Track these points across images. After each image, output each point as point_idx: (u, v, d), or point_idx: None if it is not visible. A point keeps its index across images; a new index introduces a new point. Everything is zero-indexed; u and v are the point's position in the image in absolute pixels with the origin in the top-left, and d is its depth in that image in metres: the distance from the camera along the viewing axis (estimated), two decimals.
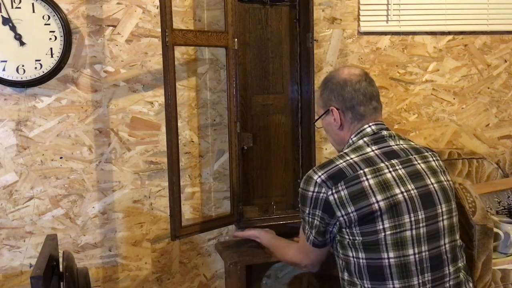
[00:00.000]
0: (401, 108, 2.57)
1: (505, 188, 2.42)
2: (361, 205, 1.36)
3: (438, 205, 1.42)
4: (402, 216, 1.37)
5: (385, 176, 1.39)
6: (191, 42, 2.05)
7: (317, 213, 1.43)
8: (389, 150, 1.45)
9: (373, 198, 1.36)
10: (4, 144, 2.08)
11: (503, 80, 2.71)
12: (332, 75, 1.55)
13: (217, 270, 2.41)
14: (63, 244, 2.16)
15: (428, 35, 2.57)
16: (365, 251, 1.37)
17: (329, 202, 1.38)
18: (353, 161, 1.41)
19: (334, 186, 1.38)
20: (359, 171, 1.38)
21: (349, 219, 1.37)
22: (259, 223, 2.29)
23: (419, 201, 1.39)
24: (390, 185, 1.38)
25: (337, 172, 1.39)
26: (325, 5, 2.40)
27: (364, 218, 1.36)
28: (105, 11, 2.13)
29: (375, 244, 1.36)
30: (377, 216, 1.35)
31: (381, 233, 1.35)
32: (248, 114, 2.31)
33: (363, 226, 1.36)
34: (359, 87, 1.49)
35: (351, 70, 1.53)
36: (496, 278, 2.10)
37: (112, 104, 2.18)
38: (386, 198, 1.36)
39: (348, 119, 1.50)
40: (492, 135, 2.74)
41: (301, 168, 2.37)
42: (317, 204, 1.41)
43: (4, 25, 1.99)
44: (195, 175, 2.32)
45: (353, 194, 1.36)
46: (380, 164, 1.41)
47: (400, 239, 1.36)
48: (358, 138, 1.48)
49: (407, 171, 1.42)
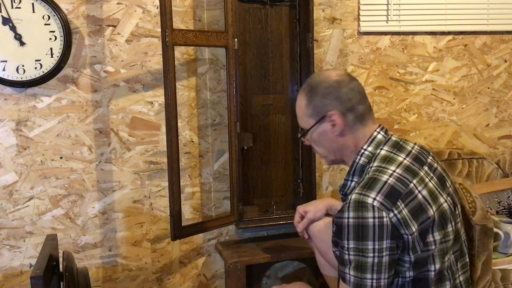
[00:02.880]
0: (401, 108, 2.57)
1: (505, 188, 2.42)
2: (422, 219, 1.24)
3: (456, 207, 1.38)
4: (447, 225, 1.29)
5: (429, 186, 1.30)
6: (191, 42, 2.05)
7: (385, 245, 1.20)
8: (414, 155, 1.36)
9: (431, 210, 1.25)
10: (4, 144, 2.08)
11: (503, 80, 2.71)
12: (318, 80, 1.40)
13: (217, 270, 2.41)
14: (63, 244, 2.16)
15: (428, 35, 2.57)
16: (413, 269, 1.26)
17: (394, 225, 1.20)
18: (399, 174, 1.27)
19: (394, 206, 1.21)
20: (411, 185, 1.26)
21: (412, 239, 1.22)
22: (259, 223, 2.30)
23: (452, 208, 1.34)
24: (436, 195, 1.30)
25: (391, 190, 1.23)
26: (325, 5, 2.40)
27: (424, 233, 1.25)
28: (105, 11, 2.13)
29: (425, 259, 1.27)
30: (430, 228, 1.26)
31: (432, 245, 1.26)
32: (248, 114, 2.31)
33: (423, 242, 1.25)
34: (353, 86, 1.38)
35: (337, 72, 1.40)
36: (496, 278, 2.10)
37: (112, 104, 2.18)
38: (438, 209, 1.28)
39: (350, 122, 1.37)
40: (492, 135, 2.74)
41: (301, 168, 2.37)
42: (383, 234, 1.19)
43: (4, 25, 1.99)
44: (195, 175, 2.32)
45: (413, 210, 1.23)
46: (420, 172, 1.31)
47: (445, 249, 1.29)
48: (375, 148, 1.36)
49: (436, 176, 1.35)
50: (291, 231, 2.41)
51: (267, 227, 2.36)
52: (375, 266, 1.20)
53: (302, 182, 2.37)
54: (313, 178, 2.28)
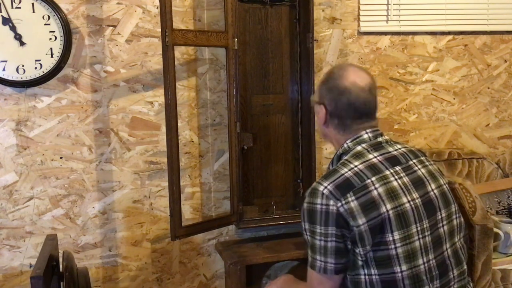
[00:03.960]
0: (401, 108, 2.57)
1: (505, 188, 2.42)
2: (373, 215, 1.29)
3: (438, 212, 1.40)
4: (410, 227, 1.33)
5: (392, 184, 1.34)
6: (191, 42, 2.05)
7: (330, 231, 1.30)
8: (390, 156, 1.41)
9: (384, 207, 1.30)
10: (4, 144, 2.08)
11: (503, 80, 2.71)
12: (337, 74, 1.46)
13: (217, 270, 2.41)
14: (63, 244, 2.16)
15: (428, 35, 2.57)
16: (377, 267, 1.31)
17: (341, 214, 1.28)
18: (359, 169, 1.34)
19: (343, 197, 1.29)
20: (367, 180, 1.32)
21: (359, 231, 1.28)
22: (259, 223, 2.30)
23: (423, 210, 1.36)
24: (397, 194, 1.33)
25: (344, 182, 1.32)
26: (325, 5, 2.40)
27: (375, 228, 1.29)
28: (105, 11, 2.13)
29: (387, 259, 1.31)
30: (386, 226, 1.30)
31: (392, 245, 1.30)
32: (248, 114, 2.31)
33: (374, 237, 1.29)
34: (355, 101, 1.42)
35: (356, 79, 1.43)
36: (496, 278, 2.11)
37: (112, 104, 2.18)
38: (395, 207, 1.31)
39: (333, 123, 1.45)
40: (492, 135, 2.74)
41: (301, 168, 2.37)
42: (329, 220, 1.29)
43: (4, 25, 1.99)
44: (195, 175, 2.32)
45: (363, 204, 1.29)
46: (385, 171, 1.36)
47: (411, 250, 1.32)
48: (355, 144, 1.42)
49: (410, 178, 1.39)
50: (291, 231, 2.41)
51: (267, 227, 2.36)
52: (321, 249, 1.31)
53: (302, 182, 2.37)
54: (313, 178, 2.27)
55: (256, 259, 2.16)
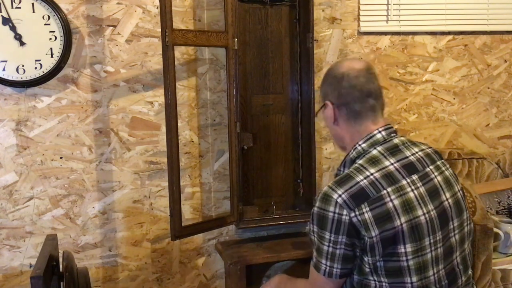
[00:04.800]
0: (401, 108, 2.57)
1: (505, 188, 2.42)
2: (386, 227, 1.26)
3: (451, 221, 1.38)
4: (423, 239, 1.30)
5: (408, 196, 1.31)
6: (191, 42, 2.05)
7: (340, 239, 1.28)
8: (407, 162, 1.37)
9: (398, 220, 1.27)
10: (4, 144, 2.08)
11: (503, 80, 2.71)
12: (333, 67, 1.47)
13: (217, 270, 2.41)
14: (63, 244, 2.16)
15: (428, 35, 2.57)
16: (387, 276, 1.29)
17: (354, 224, 1.26)
18: (375, 178, 1.30)
19: (357, 207, 1.26)
20: (383, 191, 1.28)
21: (371, 242, 1.26)
22: (259, 223, 2.30)
23: (437, 222, 1.34)
24: (413, 206, 1.30)
25: (359, 191, 1.28)
26: (325, 5, 2.40)
27: (387, 240, 1.27)
28: (105, 11, 2.13)
29: (398, 270, 1.29)
30: (399, 238, 1.27)
31: (403, 257, 1.28)
32: (248, 114, 2.31)
33: (385, 249, 1.27)
34: (355, 82, 1.39)
35: (352, 64, 1.43)
36: (496, 278, 2.11)
37: (112, 104, 2.18)
38: (409, 220, 1.29)
39: (343, 115, 1.41)
40: (492, 135, 2.74)
41: (301, 168, 2.37)
42: (340, 229, 1.27)
43: (4, 25, 1.99)
44: (195, 175, 2.32)
45: (378, 216, 1.26)
46: (402, 181, 1.32)
47: (422, 263, 1.30)
48: (369, 145, 1.38)
49: (426, 188, 1.35)
50: (291, 231, 2.41)
51: (267, 227, 2.36)
52: (329, 254, 1.30)
53: (302, 182, 2.37)
54: (313, 178, 2.28)
55: (256, 259, 2.16)
